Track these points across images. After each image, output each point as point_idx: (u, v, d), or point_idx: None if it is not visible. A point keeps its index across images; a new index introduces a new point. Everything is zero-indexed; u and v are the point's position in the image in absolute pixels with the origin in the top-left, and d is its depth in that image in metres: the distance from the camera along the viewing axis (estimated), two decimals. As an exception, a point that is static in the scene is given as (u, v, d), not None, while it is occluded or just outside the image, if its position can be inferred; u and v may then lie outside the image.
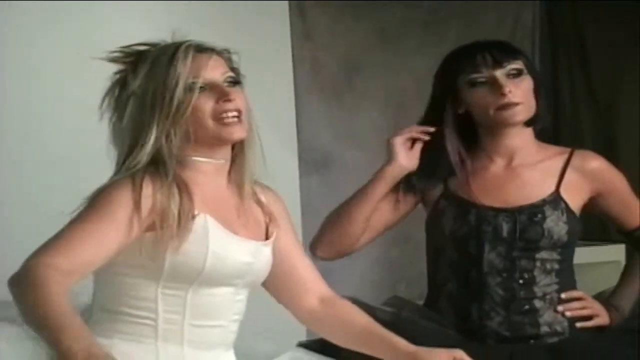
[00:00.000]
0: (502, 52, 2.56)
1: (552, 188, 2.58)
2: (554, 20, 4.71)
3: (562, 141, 4.69)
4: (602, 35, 4.69)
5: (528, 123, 2.58)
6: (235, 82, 2.13)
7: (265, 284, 2.26)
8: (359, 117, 4.31)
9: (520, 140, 2.60)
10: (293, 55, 4.16)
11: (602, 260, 3.84)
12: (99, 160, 2.18)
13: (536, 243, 2.54)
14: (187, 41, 2.11)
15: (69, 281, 1.94)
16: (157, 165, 2.07)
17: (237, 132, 2.09)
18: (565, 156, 2.63)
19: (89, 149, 2.19)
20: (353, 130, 4.29)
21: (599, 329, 2.61)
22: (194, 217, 2.05)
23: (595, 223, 4.66)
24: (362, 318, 2.29)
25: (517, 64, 2.55)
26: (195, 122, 2.08)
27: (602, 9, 4.59)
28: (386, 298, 2.70)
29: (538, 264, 2.56)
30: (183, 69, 2.07)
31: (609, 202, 2.63)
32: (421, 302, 2.72)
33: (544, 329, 2.54)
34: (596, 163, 2.64)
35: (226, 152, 2.14)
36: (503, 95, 2.50)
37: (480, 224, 2.55)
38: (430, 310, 2.61)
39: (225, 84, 2.10)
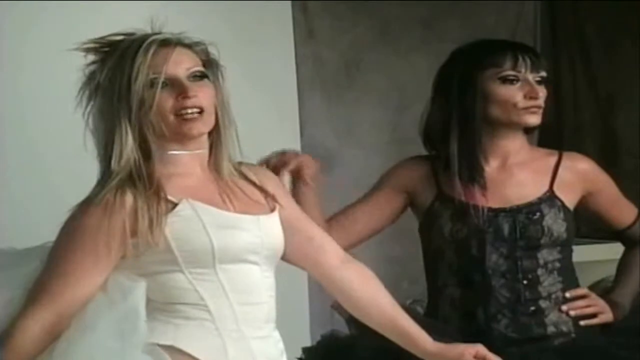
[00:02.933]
0: (537, 58, 2.60)
1: (546, 187, 2.60)
2: (555, 16, 4.71)
3: (564, 133, 4.74)
4: (602, 30, 4.69)
5: (531, 128, 2.63)
6: (202, 76, 2.10)
7: (287, 257, 2.25)
8: (360, 115, 4.31)
9: (516, 143, 2.62)
10: (296, 53, 4.16)
11: (611, 257, 3.82)
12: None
13: (537, 242, 2.55)
14: (154, 34, 2.10)
15: (60, 326, 1.98)
16: (132, 173, 2.05)
17: (196, 128, 2.08)
18: (555, 157, 2.66)
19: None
20: (354, 127, 4.29)
21: (604, 326, 2.62)
22: (173, 206, 2.04)
23: (596, 222, 4.72)
24: (387, 297, 2.28)
25: (544, 73, 2.59)
26: (159, 117, 2.07)
27: (602, 5, 4.58)
28: (405, 278, 2.69)
29: (541, 263, 2.57)
30: (145, 64, 2.05)
31: (599, 202, 2.67)
32: (423, 300, 2.73)
33: (551, 329, 2.55)
34: (585, 164, 2.68)
35: (200, 143, 2.13)
36: (534, 98, 2.54)
37: (480, 225, 2.55)
38: (433, 318, 2.59)
39: (190, 79, 2.08)
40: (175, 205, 2.05)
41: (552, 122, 4.64)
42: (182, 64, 2.08)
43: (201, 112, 2.08)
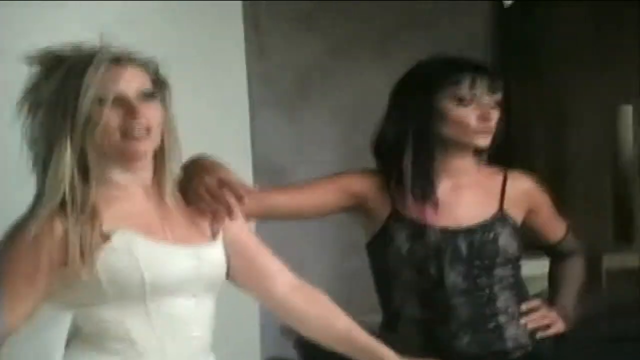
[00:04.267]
0: (494, 80, 2.61)
1: (497, 206, 2.64)
2: (505, 30, 4.76)
3: (514, 149, 4.79)
4: (553, 44, 4.76)
5: (481, 149, 2.65)
6: (151, 95, 2.07)
7: (233, 281, 2.24)
8: (312, 131, 4.31)
9: (466, 162, 2.65)
10: (248, 71, 4.12)
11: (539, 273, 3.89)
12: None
13: (493, 260, 2.59)
14: (104, 50, 2.06)
15: None
16: (64, 197, 2.01)
17: (142, 146, 2.05)
18: (501, 176, 2.70)
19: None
20: (306, 144, 4.30)
21: (556, 336, 2.69)
22: (107, 238, 2.01)
23: None
24: (342, 319, 2.28)
25: (499, 96, 2.61)
26: (104, 136, 2.03)
27: (554, 19, 4.68)
28: (360, 291, 2.70)
29: (496, 280, 2.60)
30: (94, 82, 2.01)
31: (537, 219, 2.75)
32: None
33: (510, 343, 2.59)
34: (529, 182, 2.76)
35: (143, 165, 2.10)
36: (488, 120, 2.57)
37: (438, 245, 2.56)
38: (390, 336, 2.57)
39: (139, 99, 2.05)
40: (108, 236, 2.01)
41: (502, 139, 4.75)
42: (131, 83, 2.05)
43: (148, 132, 2.05)
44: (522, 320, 2.62)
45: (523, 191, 2.71)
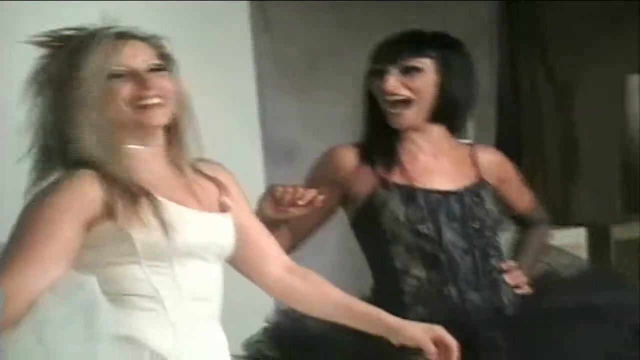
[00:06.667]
0: (405, 48, 2.64)
1: (475, 174, 2.71)
2: (513, 13, 4.79)
3: (525, 123, 4.82)
4: (559, 22, 4.77)
5: (434, 119, 2.66)
6: (161, 69, 2.12)
7: (234, 264, 2.28)
8: (321, 109, 4.32)
9: (434, 135, 2.69)
10: (254, 48, 4.16)
11: (564, 243, 3.93)
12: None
13: (483, 222, 2.66)
14: (108, 28, 2.10)
15: (8, 314, 1.95)
16: (93, 162, 2.06)
17: (157, 117, 2.10)
18: (471, 148, 2.79)
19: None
20: (313, 120, 4.32)
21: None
22: (147, 197, 2.06)
23: (558, 208, 4.80)
24: (335, 290, 2.32)
25: (411, 63, 2.62)
26: (114, 109, 2.07)
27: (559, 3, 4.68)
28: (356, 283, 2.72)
29: (487, 240, 2.67)
30: (100, 56, 2.06)
31: (507, 188, 2.83)
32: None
33: (505, 299, 2.66)
34: (498, 155, 2.83)
35: (158, 138, 2.15)
36: (396, 88, 2.60)
37: (433, 207, 2.61)
38: (396, 302, 2.60)
39: (147, 72, 2.09)
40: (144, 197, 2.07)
41: (511, 114, 4.77)
42: (138, 56, 2.09)
43: (161, 102, 2.09)
44: (509, 278, 2.68)
45: (494, 162, 2.78)
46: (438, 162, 2.70)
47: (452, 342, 2.28)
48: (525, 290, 2.71)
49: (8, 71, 2.75)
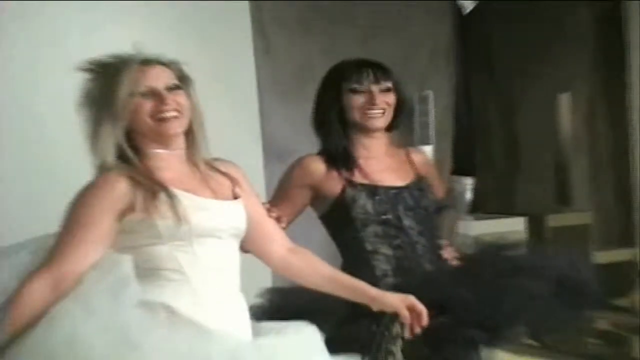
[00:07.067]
0: (379, 71, 2.66)
1: (414, 172, 2.73)
2: (465, 38, 4.76)
3: (475, 131, 4.78)
4: (505, 47, 4.79)
5: (387, 128, 2.70)
6: (177, 87, 2.12)
7: (244, 247, 2.26)
8: (309, 118, 4.31)
9: (382, 140, 2.70)
10: (256, 67, 4.15)
11: (505, 230, 3.92)
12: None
13: (428, 210, 2.67)
14: (136, 55, 2.11)
15: (60, 287, 1.97)
16: (125, 161, 2.07)
17: (173, 127, 2.10)
18: (404, 151, 2.78)
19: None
20: (305, 124, 4.30)
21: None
22: (165, 191, 2.06)
23: (502, 201, 4.82)
24: (327, 267, 2.34)
25: (388, 83, 2.65)
26: (139, 121, 2.08)
27: (505, 21, 4.69)
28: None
29: (432, 224, 2.69)
30: (128, 79, 2.07)
31: (430, 182, 2.78)
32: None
33: (446, 267, 2.67)
34: (424, 155, 2.85)
35: (177, 143, 2.14)
36: (372, 104, 2.62)
37: (392, 199, 2.63)
38: (370, 276, 2.59)
39: (166, 90, 2.09)
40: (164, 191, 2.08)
41: (465, 123, 4.74)
42: (160, 79, 2.10)
43: (177, 115, 2.10)
44: (447, 253, 2.70)
45: (423, 160, 2.80)
46: (386, 163, 2.71)
47: (422, 308, 2.30)
48: (455, 263, 2.72)
49: (61, 97, 2.74)
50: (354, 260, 2.66)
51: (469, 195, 4.54)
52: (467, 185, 4.58)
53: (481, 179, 4.63)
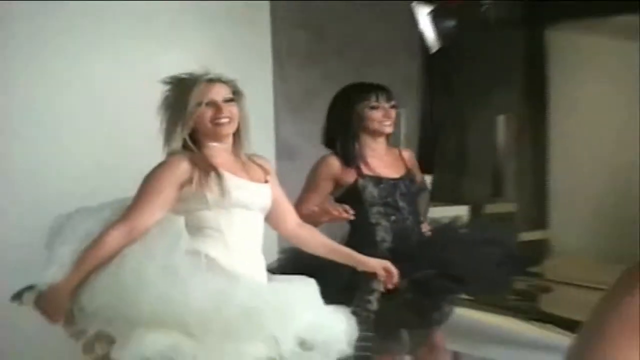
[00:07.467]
0: (390, 94, 2.77)
1: (404, 166, 2.83)
2: (431, 71, 4.80)
3: (434, 144, 4.73)
4: (461, 75, 4.78)
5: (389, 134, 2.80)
6: (231, 100, 2.16)
7: (265, 220, 2.28)
8: (315, 125, 3.93)
9: (383, 143, 2.82)
10: (274, 89, 4.16)
11: (454, 214, 3.97)
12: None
13: (417, 196, 2.82)
14: (203, 74, 2.16)
15: (132, 235, 2.00)
16: (187, 149, 2.15)
17: (225, 130, 2.15)
18: (397, 150, 2.88)
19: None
20: (312, 134, 4.09)
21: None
22: (215, 172, 2.11)
23: (450, 192, 4.77)
24: (325, 238, 2.40)
25: (393, 102, 2.77)
26: (201, 123, 2.14)
27: (460, 63, 4.71)
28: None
29: (417, 207, 2.81)
30: (196, 93, 2.12)
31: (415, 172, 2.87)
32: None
33: (425, 236, 2.79)
34: (411, 153, 2.93)
35: (227, 140, 2.19)
36: (388, 117, 2.74)
37: (391, 188, 2.71)
38: (371, 241, 2.66)
39: (223, 102, 2.15)
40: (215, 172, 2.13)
41: (428, 134, 4.78)
42: (220, 93, 2.17)
43: (229, 121, 2.17)
44: (426, 228, 2.81)
45: (410, 157, 2.85)
46: (385, 160, 2.75)
47: (394, 270, 2.38)
48: (429, 234, 2.79)
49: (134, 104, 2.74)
50: (360, 230, 2.70)
51: (428, 188, 4.67)
52: (427, 180, 4.72)
53: (437, 176, 4.65)
